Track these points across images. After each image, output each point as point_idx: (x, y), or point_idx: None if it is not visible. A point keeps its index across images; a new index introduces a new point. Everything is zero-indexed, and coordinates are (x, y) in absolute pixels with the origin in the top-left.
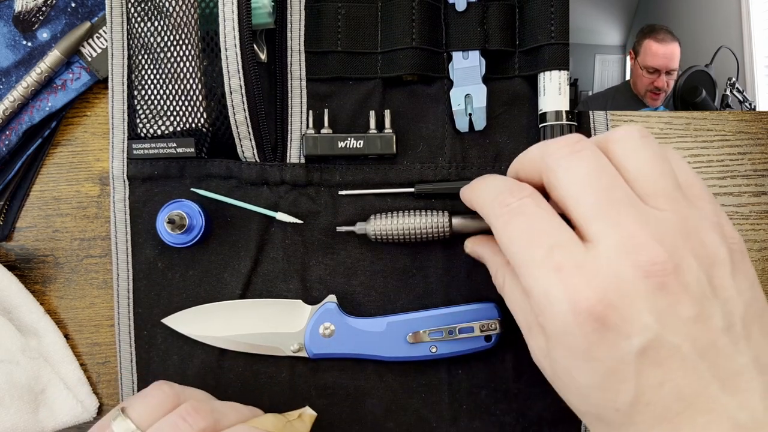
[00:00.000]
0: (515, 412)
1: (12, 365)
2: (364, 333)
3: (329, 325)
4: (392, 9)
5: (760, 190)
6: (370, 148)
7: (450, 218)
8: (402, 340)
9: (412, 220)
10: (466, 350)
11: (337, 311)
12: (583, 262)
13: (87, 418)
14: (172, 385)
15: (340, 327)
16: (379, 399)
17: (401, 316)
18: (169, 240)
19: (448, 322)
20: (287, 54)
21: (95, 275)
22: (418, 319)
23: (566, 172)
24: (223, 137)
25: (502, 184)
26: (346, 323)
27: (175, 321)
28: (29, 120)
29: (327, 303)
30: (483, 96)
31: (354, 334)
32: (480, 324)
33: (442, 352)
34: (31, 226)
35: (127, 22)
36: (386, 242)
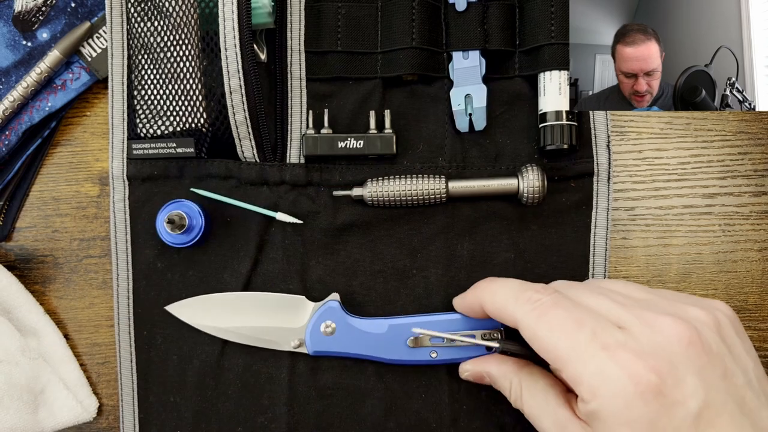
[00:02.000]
0: (516, 413)
1: (11, 365)
2: (365, 334)
3: (331, 323)
4: (392, 9)
5: (760, 190)
6: (370, 148)
7: (446, 181)
8: (402, 343)
9: (408, 183)
10: (466, 358)
11: (340, 310)
12: (626, 341)
13: (87, 418)
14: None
15: (342, 326)
16: (379, 399)
17: (404, 319)
18: (169, 240)
19: (450, 329)
20: (287, 54)
21: (95, 275)
22: (420, 324)
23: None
24: (223, 137)
25: (519, 284)
26: (347, 322)
27: (179, 309)
28: (29, 120)
29: (330, 301)
30: (483, 96)
31: (355, 334)
32: (482, 333)
33: (443, 358)
34: (31, 226)
35: (127, 21)
36: (383, 206)
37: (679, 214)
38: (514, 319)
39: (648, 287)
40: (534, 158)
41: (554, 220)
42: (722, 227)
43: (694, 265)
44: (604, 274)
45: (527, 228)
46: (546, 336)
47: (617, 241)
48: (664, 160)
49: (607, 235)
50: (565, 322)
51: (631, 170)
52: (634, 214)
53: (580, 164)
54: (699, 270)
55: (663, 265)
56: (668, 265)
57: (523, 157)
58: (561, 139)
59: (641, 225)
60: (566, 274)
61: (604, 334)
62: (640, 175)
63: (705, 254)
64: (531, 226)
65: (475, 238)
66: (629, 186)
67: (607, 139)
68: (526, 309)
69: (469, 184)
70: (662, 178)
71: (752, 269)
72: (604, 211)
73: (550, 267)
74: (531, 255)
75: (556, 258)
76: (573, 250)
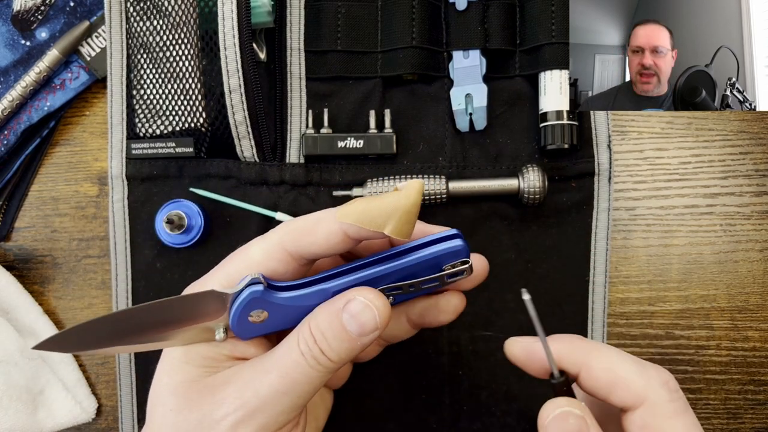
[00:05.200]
0: (516, 414)
1: (10, 366)
2: (306, 308)
3: (260, 312)
4: (392, 8)
5: (761, 190)
6: (370, 148)
7: (447, 181)
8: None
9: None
10: (423, 293)
11: (268, 295)
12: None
13: (86, 419)
14: None
15: (274, 309)
16: (379, 400)
17: (349, 278)
18: (168, 240)
19: (406, 276)
20: (287, 53)
21: (94, 275)
22: (369, 282)
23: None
24: (222, 137)
25: (636, 360)
26: (280, 304)
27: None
28: (28, 120)
29: (250, 287)
30: (483, 95)
31: (292, 312)
32: (445, 273)
33: (399, 300)
34: (30, 226)
35: (126, 21)
36: None
37: (680, 214)
38: (641, 398)
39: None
40: (534, 158)
41: (555, 220)
42: (723, 227)
43: (695, 265)
44: (605, 274)
45: (528, 228)
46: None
47: (618, 241)
48: (665, 160)
49: (608, 235)
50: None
51: (632, 170)
52: (635, 214)
53: (580, 164)
54: (700, 270)
55: (664, 265)
56: (669, 266)
57: (523, 156)
58: (562, 138)
59: (642, 225)
60: (567, 274)
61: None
62: (641, 175)
63: (706, 254)
64: (531, 226)
65: (476, 239)
66: (630, 186)
67: (608, 139)
68: (663, 395)
69: (470, 185)
70: (663, 178)
71: (753, 269)
72: (605, 211)
73: (551, 267)
74: (531, 255)
75: (557, 258)
76: (574, 250)
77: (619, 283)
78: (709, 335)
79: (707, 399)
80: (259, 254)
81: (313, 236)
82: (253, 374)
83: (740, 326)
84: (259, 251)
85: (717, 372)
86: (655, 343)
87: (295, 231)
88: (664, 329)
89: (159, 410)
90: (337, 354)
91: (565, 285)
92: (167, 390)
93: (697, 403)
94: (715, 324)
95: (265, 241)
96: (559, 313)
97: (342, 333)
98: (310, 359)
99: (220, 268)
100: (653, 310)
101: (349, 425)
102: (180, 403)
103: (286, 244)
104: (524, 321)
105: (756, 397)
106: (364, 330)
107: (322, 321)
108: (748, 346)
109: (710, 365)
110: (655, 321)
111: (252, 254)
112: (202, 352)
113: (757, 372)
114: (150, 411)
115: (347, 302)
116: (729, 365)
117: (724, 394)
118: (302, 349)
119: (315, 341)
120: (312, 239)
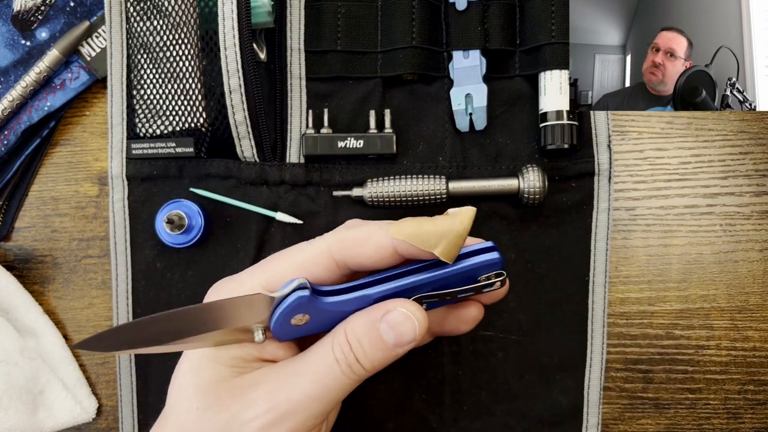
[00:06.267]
0: (516, 413)
1: (10, 366)
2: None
3: (302, 316)
4: (392, 8)
5: (761, 190)
6: (370, 148)
7: (447, 181)
8: None
9: (408, 183)
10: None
11: (313, 300)
12: None
13: (86, 418)
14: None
15: (317, 313)
16: (379, 399)
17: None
18: (168, 240)
19: (443, 286)
20: (287, 53)
21: (94, 275)
22: (409, 290)
23: None
24: (223, 137)
25: None
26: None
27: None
28: (28, 120)
29: (297, 291)
30: (483, 95)
31: (334, 316)
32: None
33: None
34: (30, 226)
35: (126, 21)
36: (383, 206)
37: (680, 214)
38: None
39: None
40: (534, 158)
41: (555, 220)
42: (723, 227)
43: (695, 265)
44: (604, 274)
45: (528, 228)
46: None
47: (618, 241)
48: (665, 160)
49: (608, 235)
50: None
51: (632, 170)
52: (635, 214)
53: (580, 164)
54: (700, 270)
55: (664, 265)
56: (669, 266)
57: (523, 156)
58: (562, 138)
59: (642, 225)
60: (567, 274)
61: None
62: (641, 174)
63: (706, 254)
64: (531, 226)
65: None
66: (630, 186)
67: (608, 139)
68: None
69: (470, 185)
70: (663, 178)
71: (753, 269)
72: (605, 211)
73: (551, 267)
74: (531, 255)
75: (557, 258)
76: (574, 250)
77: (619, 283)
78: (709, 335)
79: (707, 399)
80: (306, 259)
81: (362, 248)
82: (285, 377)
83: (740, 326)
84: (305, 256)
85: (717, 372)
86: (655, 343)
87: (344, 241)
88: (664, 329)
89: (183, 406)
90: (371, 362)
91: (565, 285)
92: (194, 388)
93: (697, 403)
94: (715, 324)
95: (313, 246)
96: (559, 313)
97: (378, 342)
98: (345, 366)
99: (262, 268)
100: (653, 310)
101: (349, 425)
102: (208, 402)
103: (334, 253)
104: (524, 321)
105: (756, 397)
106: (401, 341)
107: (359, 328)
108: (748, 346)
109: (710, 365)
110: (655, 321)
111: (298, 258)
112: (232, 351)
113: (757, 372)
114: (172, 407)
115: (386, 312)
116: (729, 365)
117: (724, 394)
118: (337, 356)
119: (351, 348)
120: (361, 251)
